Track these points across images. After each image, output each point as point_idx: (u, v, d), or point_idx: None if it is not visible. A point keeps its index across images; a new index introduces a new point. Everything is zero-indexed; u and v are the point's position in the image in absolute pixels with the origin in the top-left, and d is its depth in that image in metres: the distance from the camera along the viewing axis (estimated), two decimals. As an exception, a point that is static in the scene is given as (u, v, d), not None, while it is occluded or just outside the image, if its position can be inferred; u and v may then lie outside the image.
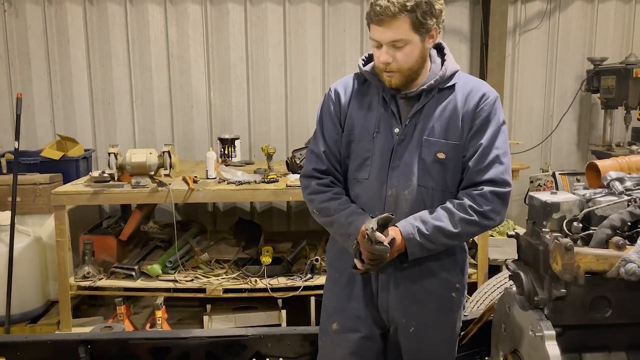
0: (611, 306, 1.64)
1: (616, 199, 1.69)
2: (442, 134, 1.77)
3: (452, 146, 1.77)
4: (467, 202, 1.74)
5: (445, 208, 1.76)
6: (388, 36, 1.68)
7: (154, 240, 4.19)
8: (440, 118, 1.78)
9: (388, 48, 1.70)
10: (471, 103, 1.77)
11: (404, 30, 1.67)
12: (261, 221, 4.73)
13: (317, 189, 1.86)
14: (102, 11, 4.67)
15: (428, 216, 1.75)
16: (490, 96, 1.78)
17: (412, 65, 1.73)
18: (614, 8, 5.02)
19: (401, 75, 1.74)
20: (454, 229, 1.73)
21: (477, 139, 1.76)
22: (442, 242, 1.75)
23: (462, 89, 1.80)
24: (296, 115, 4.90)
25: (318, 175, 1.88)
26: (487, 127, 1.76)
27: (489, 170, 1.74)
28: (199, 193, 3.58)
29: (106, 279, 3.68)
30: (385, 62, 1.71)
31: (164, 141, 4.72)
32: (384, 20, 1.65)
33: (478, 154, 1.75)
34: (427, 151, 1.77)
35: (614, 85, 4.53)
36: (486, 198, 1.74)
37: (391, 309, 1.84)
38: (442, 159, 1.77)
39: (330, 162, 1.87)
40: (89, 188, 3.58)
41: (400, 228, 1.74)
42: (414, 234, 1.72)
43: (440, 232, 1.73)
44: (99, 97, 4.78)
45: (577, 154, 5.24)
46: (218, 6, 4.75)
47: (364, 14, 4.77)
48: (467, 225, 1.73)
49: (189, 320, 4.12)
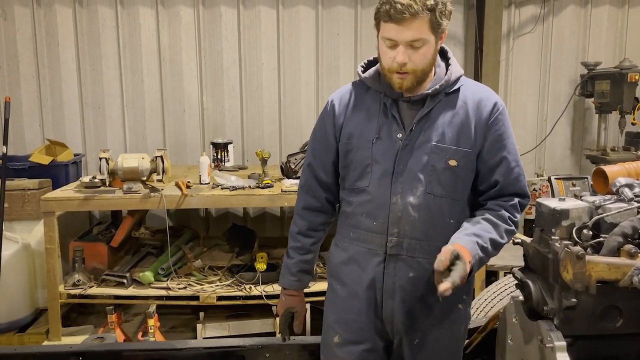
0: (622, 316, 1.60)
1: (626, 205, 1.65)
2: (453, 140, 1.73)
3: (464, 153, 1.73)
4: (504, 213, 1.76)
5: (488, 219, 1.74)
6: (408, 36, 1.61)
7: (145, 246, 4.12)
8: (450, 124, 1.73)
9: (405, 48, 1.63)
10: (484, 112, 1.74)
11: (424, 29, 1.61)
12: (254, 226, 4.66)
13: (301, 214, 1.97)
14: (92, 13, 4.60)
15: (479, 229, 1.71)
16: (501, 106, 1.78)
17: (426, 67, 1.68)
18: (607, 13, 5.03)
19: (414, 77, 1.68)
20: (502, 241, 1.74)
21: (499, 151, 1.75)
22: (491, 254, 1.74)
23: (472, 97, 1.76)
24: (290, 120, 4.85)
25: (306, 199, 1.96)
26: (505, 138, 1.76)
27: (517, 184, 1.78)
28: (193, 199, 3.52)
29: (97, 287, 3.59)
30: (401, 63, 1.64)
31: (156, 146, 4.65)
32: (405, 19, 1.58)
33: (505, 167, 1.76)
34: (438, 158, 1.72)
35: (608, 89, 4.53)
36: (516, 209, 1.79)
37: (396, 319, 1.79)
38: (453, 166, 1.72)
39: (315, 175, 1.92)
40: (79, 194, 3.50)
41: (466, 246, 1.64)
42: (477, 250, 1.66)
43: (493, 245, 1.71)
44: (89, 100, 4.70)
45: (571, 159, 5.24)
46: (210, 9, 4.69)
47: (358, 17, 4.81)
48: (508, 235, 1.76)
49: (182, 328, 4.05)
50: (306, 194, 1.95)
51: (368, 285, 1.79)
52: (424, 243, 1.74)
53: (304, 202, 1.96)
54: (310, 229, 1.96)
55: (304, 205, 1.96)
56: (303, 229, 1.96)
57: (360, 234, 1.80)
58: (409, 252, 1.75)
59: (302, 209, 1.97)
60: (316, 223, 1.96)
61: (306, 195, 1.95)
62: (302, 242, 1.96)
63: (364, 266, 1.79)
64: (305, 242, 1.96)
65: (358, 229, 1.80)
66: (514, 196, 1.78)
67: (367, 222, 1.78)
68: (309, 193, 1.94)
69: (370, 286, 1.79)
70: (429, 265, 1.74)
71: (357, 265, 1.81)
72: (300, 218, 1.97)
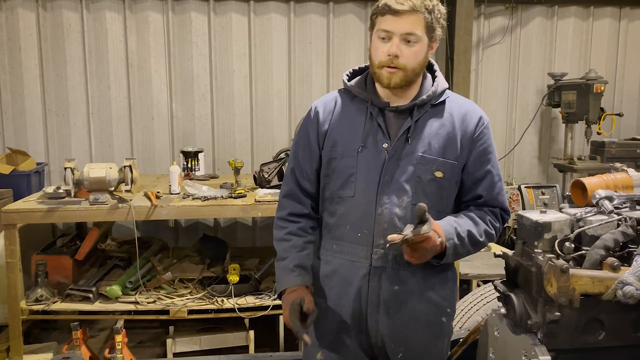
0: (604, 328, 1.60)
1: (607, 218, 1.66)
2: (440, 152, 1.72)
3: (450, 165, 1.73)
4: (486, 216, 1.77)
5: (469, 216, 1.75)
6: (404, 27, 1.64)
7: (112, 259, 3.98)
8: (437, 136, 1.73)
9: (399, 41, 1.65)
10: (469, 126, 1.76)
11: (420, 27, 1.65)
12: (226, 237, 4.58)
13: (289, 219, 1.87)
14: (56, 18, 4.46)
15: (459, 220, 1.72)
16: (486, 120, 1.80)
17: (416, 67, 1.69)
18: (572, 25, 5.16)
19: (404, 75, 1.68)
20: (480, 239, 1.74)
21: (484, 165, 1.77)
22: (468, 249, 1.73)
23: (458, 109, 1.77)
24: (262, 128, 4.79)
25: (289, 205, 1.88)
26: (489, 152, 1.79)
27: (500, 198, 1.80)
28: (163, 209, 3.41)
29: (61, 302, 3.44)
30: (393, 54, 1.65)
31: (123, 154, 4.53)
32: (404, 12, 1.63)
33: (489, 181, 1.78)
34: (424, 169, 1.71)
35: (574, 100, 4.63)
36: (497, 218, 1.81)
37: (380, 333, 1.75)
38: (439, 178, 1.72)
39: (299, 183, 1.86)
40: (42, 205, 3.35)
41: (443, 227, 1.67)
42: (453, 235, 1.67)
43: (470, 238, 1.71)
44: (53, 108, 4.54)
45: (539, 167, 5.33)
46: (180, 15, 4.60)
47: (330, 26, 4.80)
48: (486, 237, 1.76)
49: (150, 342, 3.92)
50: (292, 201, 1.86)
51: (354, 298, 1.75)
52: None
53: (291, 208, 1.86)
54: (301, 229, 1.84)
55: (291, 211, 1.86)
56: (293, 230, 1.84)
57: (344, 246, 1.76)
58: (394, 265, 1.72)
59: (289, 214, 1.86)
60: (307, 226, 1.86)
61: (292, 202, 1.86)
62: (295, 240, 1.82)
63: (349, 279, 1.75)
64: (298, 241, 1.82)
65: (342, 240, 1.76)
66: (497, 208, 1.80)
67: (351, 233, 1.74)
68: (295, 200, 1.86)
69: (356, 299, 1.75)
70: (413, 278, 1.72)
71: (342, 279, 1.76)
72: (288, 222, 1.85)
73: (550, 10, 5.10)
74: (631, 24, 5.24)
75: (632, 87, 5.34)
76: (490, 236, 1.77)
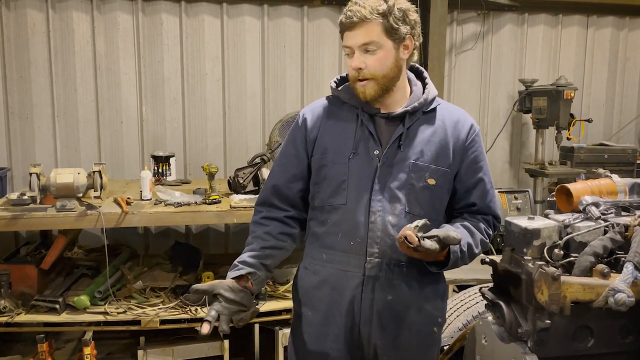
0: (593, 335, 1.60)
1: (594, 224, 1.66)
2: (432, 159, 1.70)
3: (442, 172, 1.72)
4: (481, 224, 1.75)
5: (466, 226, 1.73)
6: (359, 39, 1.62)
7: (79, 267, 3.82)
8: (429, 143, 1.71)
9: (360, 53, 1.64)
10: (461, 133, 1.75)
11: (376, 33, 1.62)
12: (198, 243, 4.47)
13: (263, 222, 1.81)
14: (20, 17, 4.28)
15: (460, 231, 1.69)
16: (477, 128, 1.81)
17: (387, 73, 1.66)
18: (542, 32, 5.24)
19: (376, 84, 1.65)
20: (476, 250, 1.72)
21: (476, 173, 1.77)
22: (466, 261, 1.70)
23: (449, 117, 1.76)
24: (235, 132, 4.70)
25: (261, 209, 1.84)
26: (481, 160, 1.79)
27: (492, 206, 1.80)
28: (134, 216, 3.29)
29: (25, 314, 3.28)
30: (356, 68, 1.64)
31: (90, 159, 4.38)
32: (355, 24, 1.61)
33: (481, 189, 1.78)
34: (417, 176, 1.69)
35: (545, 106, 4.69)
36: (490, 226, 1.80)
37: (373, 345, 1.72)
38: (432, 185, 1.70)
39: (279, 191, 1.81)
40: (6, 212, 3.19)
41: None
42: (457, 247, 1.64)
43: (469, 250, 1.69)
44: (16, 110, 4.36)
45: (510, 172, 5.40)
46: (151, 16, 4.48)
47: (304, 30, 4.75)
48: (482, 246, 1.75)
49: (120, 354, 3.79)
50: (269, 207, 1.81)
51: (347, 309, 1.70)
52: (402, 264, 1.69)
53: (266, 213, 1.80)
54: (281, 232, 1.78)
55: (266, 215, 1.80)
56: (268, 229, 1.77)
57: (334, 255, 1.71)
58: (388, 274, 1.68)
59: (262, 218, 1.80)
60: (281, 231, 1.79)
61: (269, 209, 1.81)
62: (267, 239, 1.75)
63: (341, 289, 1.70)
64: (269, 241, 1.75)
65: (332, 249, 1.71)
66: (489, 216, 1.80)
67: (343, 242, 1.69)
68: (272, 206, 1.81)
69: (349, 310, 1.70)
70: (407, 287, 1.69)
71: (333, 289, 1.71)
72: (262, 225, 1.79)
73: (521, 18, 5.18)
74: (598, 32, 5.36)
75: (599, 93, 5.47)
76: (484, 245, 1.76)
